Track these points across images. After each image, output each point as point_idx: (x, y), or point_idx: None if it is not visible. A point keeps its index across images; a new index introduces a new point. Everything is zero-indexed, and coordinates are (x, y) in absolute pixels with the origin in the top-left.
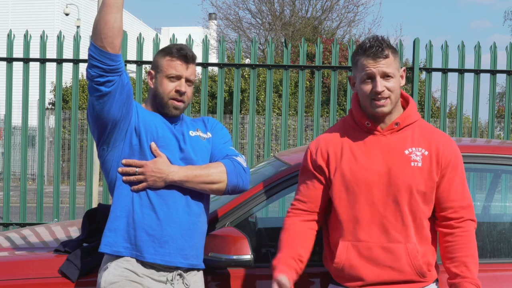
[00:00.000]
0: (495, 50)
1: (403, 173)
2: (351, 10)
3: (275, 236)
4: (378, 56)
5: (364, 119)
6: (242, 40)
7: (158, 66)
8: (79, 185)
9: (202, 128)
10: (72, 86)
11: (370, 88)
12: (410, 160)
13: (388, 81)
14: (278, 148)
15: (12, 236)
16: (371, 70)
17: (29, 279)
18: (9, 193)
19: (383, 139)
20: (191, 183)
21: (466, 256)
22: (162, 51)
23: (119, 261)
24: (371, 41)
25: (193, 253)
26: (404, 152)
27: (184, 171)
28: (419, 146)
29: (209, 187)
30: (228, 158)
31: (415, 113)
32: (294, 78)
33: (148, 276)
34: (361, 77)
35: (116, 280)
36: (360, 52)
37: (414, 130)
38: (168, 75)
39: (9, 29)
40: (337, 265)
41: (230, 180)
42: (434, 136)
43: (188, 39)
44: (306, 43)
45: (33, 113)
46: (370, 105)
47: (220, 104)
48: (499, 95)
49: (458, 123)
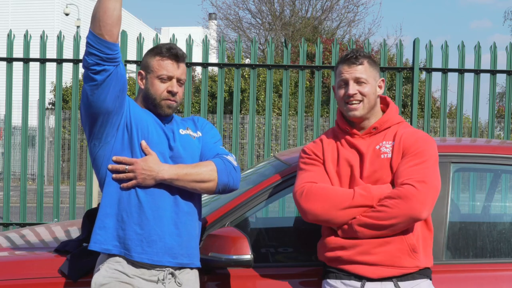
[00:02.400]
0: (495, 50)
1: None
2: (351, 10)
3: (275, 236)
4: (353, 62)
5: (345, 125)
6: (242, 40)
7: (149, 67)
8: (79, 185)
9: (192, 127)
10: (72, 86)
11: (344, 92)
12: (381, 152)
13: (361, 86)
14: (278, 148)
15: (12, 236)
16: (345, 76)
17: (29, 279)
18: (9, 193)
19: (361, 140)
20: (181, 182)
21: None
22: (151, 51)
23: (110, 263)
24: (349, 52)
25: (183, 252)
26: (375, 147)
27: (175, 169)
28: (389, 140)
29: (199, 185)
30: (218, 157)
31: (394, 117)
32: (294, 78)
33: (139, 276)
34: (337, 82)
35: (106, 281)
36: (339, 61)
37: (390, 130)
38: (159, 75)
39: (9, 29)
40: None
41: (220, 179)
42: (402, 129)
43: (188, 39)
44: (306, 43)
45: (33, 113)
46: (345, 109)
47: (220, 104)
48: (499, 95)
49: (458, 123)
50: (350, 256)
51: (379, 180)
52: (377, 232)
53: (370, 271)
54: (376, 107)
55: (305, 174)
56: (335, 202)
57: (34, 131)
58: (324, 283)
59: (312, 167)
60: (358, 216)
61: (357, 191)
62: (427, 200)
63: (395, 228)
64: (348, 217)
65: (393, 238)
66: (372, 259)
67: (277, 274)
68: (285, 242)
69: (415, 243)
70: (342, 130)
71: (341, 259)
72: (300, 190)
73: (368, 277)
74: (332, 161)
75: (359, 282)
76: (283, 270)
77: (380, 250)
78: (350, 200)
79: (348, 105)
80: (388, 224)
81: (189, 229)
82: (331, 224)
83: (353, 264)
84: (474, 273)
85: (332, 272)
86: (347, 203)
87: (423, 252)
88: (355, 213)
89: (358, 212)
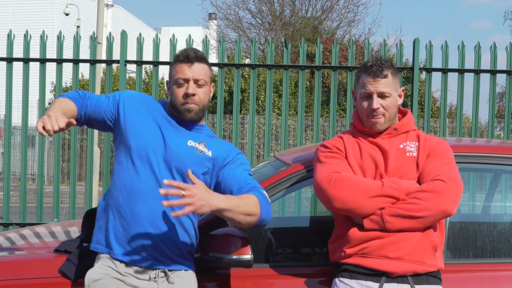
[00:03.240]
0: (495, 50)
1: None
2: (351, 10)
3: (275, 236)
4: (378, 75)
5: (364, 127)
6: (242, 40)
7: (169, 75)
8: (79, 185)
9: (211, 144)
10: (72, 86)
11: (367, 105)
12: (406, 151)
13: (384, 100)
14: (278, 148)
15: (12, 236)
16: (369, 89)
17: (29, 279)
18: (9, 193)
19: (381, 139)
20: (231, 213)
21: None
22: (173, 59)
23: (104, 260)
24: (373, 61)
25: (167, 254)
26: (398, 146)
27: (225, 200)
28: (413, 141)
29: (245, 218)
30: (256, 190)
31: (412, 123)
32: (294, 78)
33: (131, 274)
34: (361, 93)
35: (99, 277)
36: (362, 69)
37: (410, 133)
38: (176, 81)
39: (9, 29)
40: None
41: (261, 214)
42: (423, 134)
43: (188, 39)
44: (306, 43)
45: (33, 113)
46: (367, 121)
47: (220, 104)
48: (499, 95)
49: (458, 123)
50: (372, 249)
51: (403, 176)
52: (406, 224)
53: (390, 266)
54: (396, 116)
55: (329, 166)
56: (365, 190)
57: (34, 131)
58: (337, 281)
59: (334, 160)
60: (388, 206)
61: (386, 182)
62: (457, 196)
63: (426, 221)
64: (376, 206)
65: (417, 234)
66: (394, 253)
67: (277, 274)
68: (285, 242)
69: (437, 241)
70: (360, 132)
71: (361, 253)
72: (328, 178)
73: (388, 271)
74: (354, 155)
75: (377, 284)
76: (283, 270)
77: (404, 244)
78: (380, 189)
79: (370, 118)
80: (420, 216)
81: (174, 230)
82: (357, 213)
83: (373, 258)
84: (474, 273)
85: (347, 271)
86: (377, 192)
87: (439, 253)
88: (383, 203)
89: (386, 202)
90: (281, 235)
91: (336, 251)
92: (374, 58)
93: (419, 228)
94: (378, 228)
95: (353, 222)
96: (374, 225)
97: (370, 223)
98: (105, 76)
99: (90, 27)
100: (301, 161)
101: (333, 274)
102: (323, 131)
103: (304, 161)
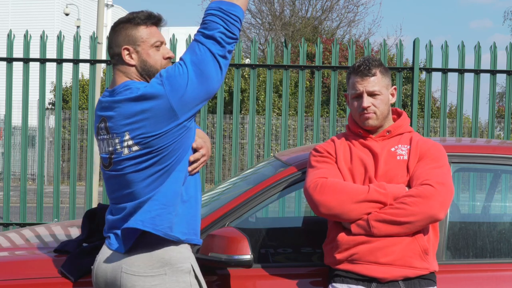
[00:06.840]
0: (495, 50)
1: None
2: (351, 10)
3: (275, 236)
4: (366, 74)
5: (358, 128)
6: (242, 40)
7: (137, 39)
8: (79, 185)
9: None
10: (72, 86)
11: (358, 105)
12: (396, 154)
13: (375, 99)
14: (278, 148)
15: (12, 236)
16: (359, 89)
17: (29, 279)
18: (9, 193)
19: (374, 142)
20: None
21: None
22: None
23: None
24: (361, 61)
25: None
26: (390, 149)
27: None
28: (405, 144)
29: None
30: None
31: (407, 125)
32: (294, 78)
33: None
34: (351, 94)
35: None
36: (351, 70)
37: (404, 135)
38: (153, 44)
39: (9, 29)
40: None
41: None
42: (416, 136)
43: (188, 39)
44: (306, 43)
45: (33, 113)
46: (360, 120)
47: (220, 104)
48: (499, 95)
49: (458, 123)
50: (361, 255)
51: (392, 180)
52: (393, 230)
53: (380, 271)
54: (389, 115)
55: (318, 171)
56: (350, 195)
57: (34, 131)
58: (331, 287)
59: (325, 165)
60: (375, 211)
61: (372, 187)
62: (445, 201)
63: (412, 226)
64: (362, 212)
65: (406, 239)
66: (383, 259)
67: (277, 274)
68: (285, 242)
69: (427, 245)
70: (354, 134)
71: (351, 259)
72: (314, 184)
73: (378, 277)
74: (344, 159)
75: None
76: (283, 270)
77: (393, 249)
78: (365, 194)
79: (362, 116)
80: (406, 221)
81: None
82: (344, 218)
83: (363, 264)
84: (474, 273)
85: (338, 276)
86: (362, 197)
87: (432, 256)
88: (369, 208)
89: (372, 207)
90: (281, 235)
91: (328, 255)
92: (362, 58)
93: (407, 233)
94: (364, 233)
95: (343, 226)
96: (361, 230)
97: (357, 228)
98: (105, 76)
99: (90, 27)
100: (301, 161)
101: (328, 279)
102: (323, 131)
103: (304, 161)
